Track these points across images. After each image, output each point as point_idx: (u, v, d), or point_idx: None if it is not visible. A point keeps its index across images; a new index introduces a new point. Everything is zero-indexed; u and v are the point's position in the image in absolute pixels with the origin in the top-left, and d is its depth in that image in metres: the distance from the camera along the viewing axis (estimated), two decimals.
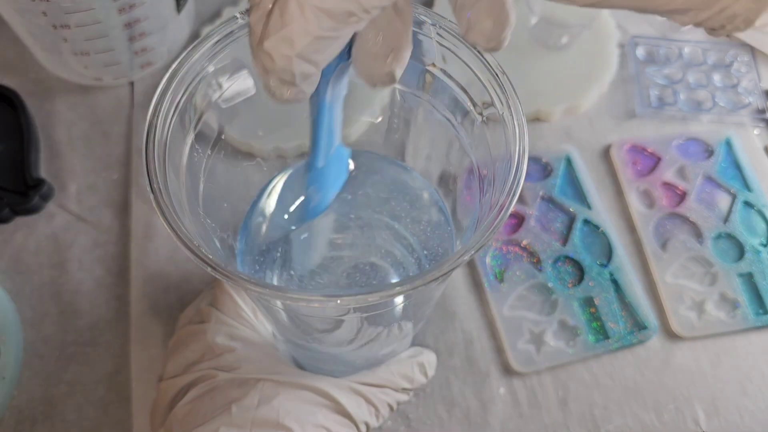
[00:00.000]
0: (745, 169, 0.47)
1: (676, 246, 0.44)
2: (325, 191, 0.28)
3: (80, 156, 0.46)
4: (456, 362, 0.40)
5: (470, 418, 0.39)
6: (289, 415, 0.31)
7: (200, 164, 0.28)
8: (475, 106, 0.26)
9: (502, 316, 0.41)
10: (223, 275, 0.21)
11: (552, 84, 0.49)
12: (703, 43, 0.52)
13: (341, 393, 0.33)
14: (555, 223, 0.45)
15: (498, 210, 0.22)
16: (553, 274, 0.43)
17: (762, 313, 0.42)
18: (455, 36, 0.25)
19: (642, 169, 0.47)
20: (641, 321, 0.42)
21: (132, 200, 0.44)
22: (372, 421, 0.35)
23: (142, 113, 0.47)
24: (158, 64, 0.48)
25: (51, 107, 0.47)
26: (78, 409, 0.38)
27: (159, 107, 0.24)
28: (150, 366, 0.39)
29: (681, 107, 0.49)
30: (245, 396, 0.32)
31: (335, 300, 0.20)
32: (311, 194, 0.28)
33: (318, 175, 0.27)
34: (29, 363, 0.39)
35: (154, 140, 0.23)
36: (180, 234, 0.21)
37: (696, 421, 0.39)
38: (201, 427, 0.31)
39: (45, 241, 0.43)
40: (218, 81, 0.27)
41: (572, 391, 0.40)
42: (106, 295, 0.41)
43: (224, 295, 0.36)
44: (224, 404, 0.32)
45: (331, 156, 0.27)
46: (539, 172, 0.47)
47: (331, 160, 0.27)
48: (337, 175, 0.28)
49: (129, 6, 0.41)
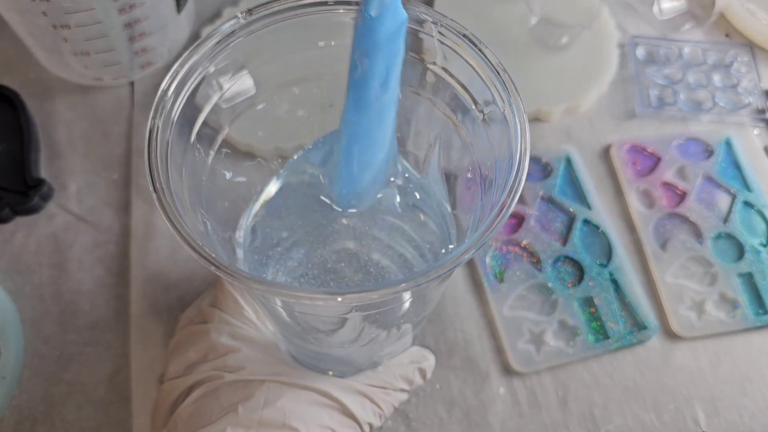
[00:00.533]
0: (745, 169, 0.47)
1: (676, 246, 0.44)
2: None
3: (80, 156, 0.46)
4: (456, 362, 0.40)
5: (470, 418, 0.39)
6: (295, 416, 0.31)
7: (201, 164, 0.28)
8: (476, 104, 0.26)
9: (502, 316, 0.41)
10: (227, 274, 0.21)
11: (552, 84, 0.49)
12: (703, 43, 0.52)
13: (345, 394, 0.33)
14: (555, 223, 0.45)
15: (499, 209, 0.22)
16: (553, 274, 0.43)
17: (762, 313, 0.42)
18: (456, 34, 0.25)
19: (642, 169, 0.47)
20: (641, 321, 0.42)
21: (132, 200, 0.44)
22: (375, 421, 0.35)
23: (142, 113, 0.47)
24: (158, 64, 0.48)
25: (51, 107, 0.47)
26: (78, 409, 0.38)
27: (160, 108, 0.24)
28: (150, 366, 0.39)
29: (681, 107, 0.49)
30: (251, 396, 0.32)
31: (337, 297, 0.20)
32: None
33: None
34: (29, 363, 0.39)
35: (156, 141, 0.23)
36: (183, 233, 0.21)
37: (696, 421, 0.39)
38: (207, 427, 0.31)
39: (45, 241, 0.43)
40: (219, 81, 0.27)
41: (572, 391, 0.40)
42: (106, 295, 0.41)
43: (226, 295, 0.36)
44: (230, 405, 0.32)
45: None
46: (539, 172, 0.47)
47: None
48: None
49: (129, 6, 0.41)
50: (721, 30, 0.54)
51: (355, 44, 0.24)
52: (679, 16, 0.52)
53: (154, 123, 0.24)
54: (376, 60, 0.24)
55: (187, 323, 0.37)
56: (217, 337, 0.34)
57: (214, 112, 0.27)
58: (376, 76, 0.25)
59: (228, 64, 0.26)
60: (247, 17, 0.25)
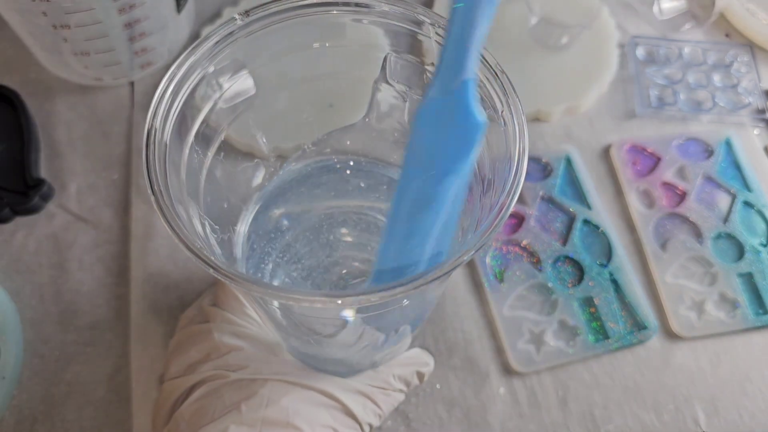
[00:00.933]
0: (745, 169, 0.47)
1: (676, 246, 0.44)
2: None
3: (80, 156, 0.46)
4: (456, 362, 0.40)
5: (470, 418, 0.39)
6: (298, 416, 0.32)
7: (200, 165, 0.28)
8: None
9: (502, 316, 0.41)
10: (224, 276, 0.21)
11: (552, 84, 0.49)
12: (703, 43, 0.52)
13: (347, 395, 0.34)
14: (555, 223, 0.45)
15: (498, 210, 0.22)
16: (553, 274, 0.43)
17: (762, 313, 0.42)
18: None
19: (642, 169, 0.47)
20: (641, 321, 0.42)
21: (132, 200, 0.44)
22: (375, 421, 0.35)
23: (142, 113, 0.47)
24: (158, 64, 0.48)
25: (51, 107, 0.47)
26: (78, 409, 0.38)
27: (159, 108, 0.24)
28: (150, 366, 0.39)
29: (681, 107, 0.49)
30: (254, 395, 0.32)
31: (336, 300, 0.20)
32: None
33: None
34: (29, 363, 0.39)
35: (155, 141, 0.23)
36: (181, 235, 0.21)
37: (696, 421, 0.39)
38: (210, 425, 0.31)
39: (45, 241, 0.43)
40: (218, 81, 0.27)
41: (572, 390, 0.40)
42: (106, 295, 0.41)
43: (227, 294, 0.36)
44: (233, 403, 0.32)
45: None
46: (539, 172, 0.47)
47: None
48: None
49: (129, 6, 0.41)
50: (721, 30, 0.54)
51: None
52: (679, 16, 0.52)
53: (152, 124, 0.24)
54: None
55: (187, 323, 0.37)
56: (219, 336, 0.34)
57: (213, 113, 0.27)
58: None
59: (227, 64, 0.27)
60: (245, 19, 0.25)
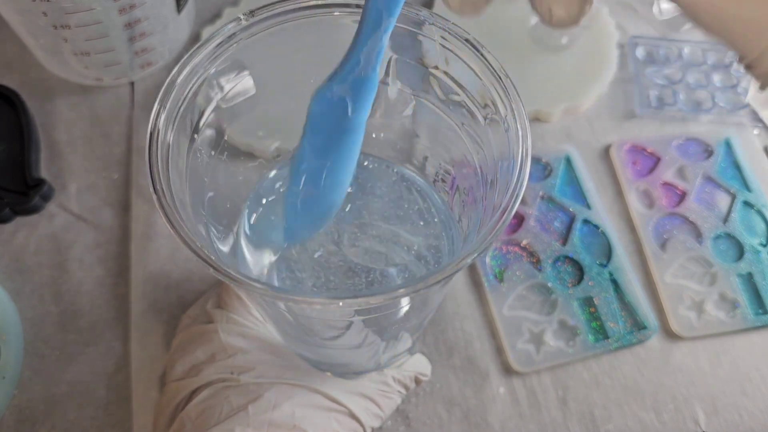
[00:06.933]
0: (745, 169, 0.47)
1: (676, 246, 0.44)
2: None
3: (80, 156, 0.46)
4: (456, 362, 0.40)
5: (470, 417, 0.39)
6: (304, 419, 0.32)
7: (202, 165, 0.28)
8: (478, 108, 0.26)
9: (502, 316, 0.41)
10: (227, 276, 0.21)
11: (552, 84, 0.49)
12: (702, 43, 0.52)
13: (351, 398, 0.34)
14: (555, 223, 0.45)
15: (500, 213, 0.22)
16: (552, 274, 0.43)
17: (761, 313, 0.43)
18: (458, 38, 0.25)
19: (642, 169, 0.47)
20: (641, 321, 0.42)
21: (132, 200, 0.44)
22: (376, 423, 0.35)
23: (143, 113, 0.47)
24: (158, 64, 0.48)
25: (51, 107, 0.47)
26: (78, 409, 0.38)
27: (161, 109, 0.24)
28: (150, 366, 0.39)
29: (681, 107, 0.49)
30: (260, 398, 0.32)
31: (338, 302, 0.20)
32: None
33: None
34: (29, 363, 0.39)
35: (157, 142, 0.23)
36: (183, 235, 0.21)
37: (696, 420, 0.40)
38: (216, 427, 0.31)
39: (45, 241, 0.43)
40: (220, 82, 0.27)
41: (572, 390, 0.40)
42: (106, 295, 0.41)
43: (231, 294, 0.36)
44: (239, 405, 0.32)
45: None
46: (539, 172, 0.47)
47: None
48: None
49: (129, 6, 0.41)
50: None
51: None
52: (679, 16, 0.52)
53: (155, 125, 0.24)
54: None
55: (189, 323, 0.37)
56: (225, 337, 0.34)
57: (215, 113, 0.27)
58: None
59: (229, 65, 0.26)
60: (249, 18, 0.25)
